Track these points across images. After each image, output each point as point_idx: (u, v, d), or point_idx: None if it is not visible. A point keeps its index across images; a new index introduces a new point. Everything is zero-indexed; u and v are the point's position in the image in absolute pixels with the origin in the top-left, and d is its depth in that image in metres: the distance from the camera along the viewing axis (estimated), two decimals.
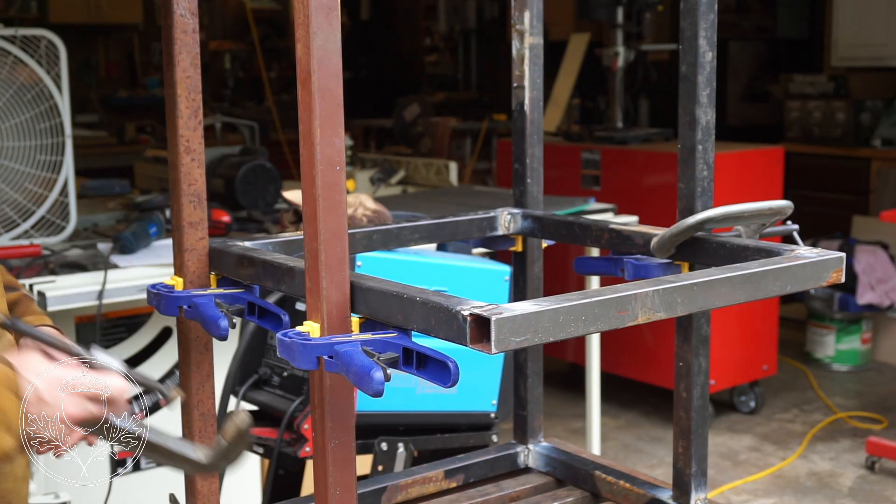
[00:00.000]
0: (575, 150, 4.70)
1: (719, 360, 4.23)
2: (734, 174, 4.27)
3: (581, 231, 1.58)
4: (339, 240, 1.15)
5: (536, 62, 1.66)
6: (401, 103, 7.72)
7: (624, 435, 4.34)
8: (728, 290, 1.17)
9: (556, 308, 1.03)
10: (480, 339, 1.01)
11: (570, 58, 5.63)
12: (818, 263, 1.25)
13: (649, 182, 4.38)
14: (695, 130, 1.46)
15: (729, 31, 7.11)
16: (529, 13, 1.64)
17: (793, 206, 1.42)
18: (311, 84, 1.10)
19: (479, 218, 1.67)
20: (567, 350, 4.69)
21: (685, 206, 1.48)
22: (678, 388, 1.54)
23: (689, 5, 1.44)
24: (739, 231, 1.43)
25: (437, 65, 9.75)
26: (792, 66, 7.18)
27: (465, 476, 1.70)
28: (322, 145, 1.12)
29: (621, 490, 1.61)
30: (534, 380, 1.77)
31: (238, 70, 8.94)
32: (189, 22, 1.40)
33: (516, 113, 1.68)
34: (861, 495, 3.74)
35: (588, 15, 5.12)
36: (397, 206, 3.56)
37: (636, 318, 1.09)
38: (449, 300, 1.06)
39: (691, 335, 1.50)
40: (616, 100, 4.97)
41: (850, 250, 5.04)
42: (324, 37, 1.10)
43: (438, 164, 5.10)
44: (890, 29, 6.28)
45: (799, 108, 6.48)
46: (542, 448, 1.77)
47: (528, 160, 1.68)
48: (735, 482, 3.84)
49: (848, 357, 5.13)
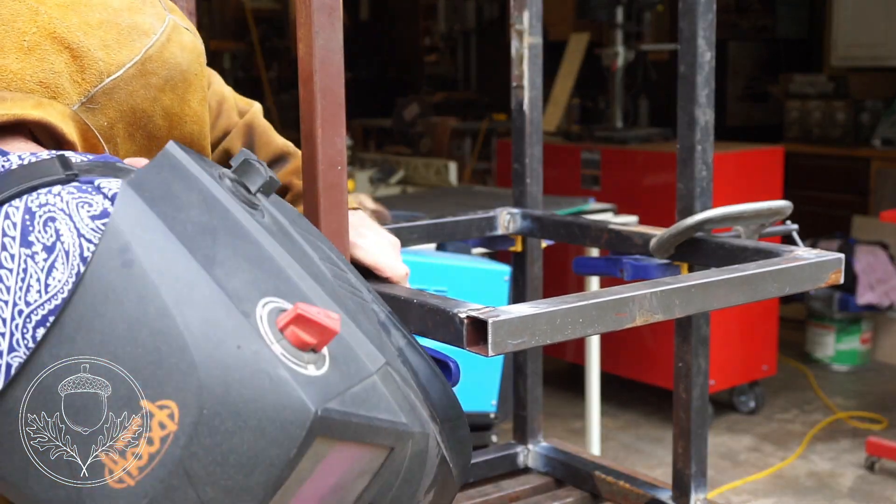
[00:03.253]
0: (575, 150, 4.70)
1: (719, 360, 4.23)
2: (734, 174, 4.27)
3: (580, 231, 1.59)
4: (341, 239, 1.15)
5: (536, 62, 1.66)
6: (400, 103, 7.73)
7: (624, 435, 4.34)
8: (726, 291, 1.17)
9: (554, 310, 1.03)
10: (477, 342, 1.01)
11: (570, 58, 5.63)
12: (817, 264, 1.25)
13: (649, 182, 4.38)
14: (694, 130, 1.46)
15: (729, 31, 7.11)
16: (528, 13, 1.64)
17: (792, 206, 1.43)
18: (312, 84, 1.11)
19: (478, 218, 1.67)
20: (567, 350, 4.69)
21: (684, 206, 1.48)
22: (678, 389, 1.54)
23: (687, 5, 1.44)
24: (739, 231, 1.43)
25: (437, 65, 9.75)
26: (792, 66, 7.18)
27: None
28: (323, 145, 1.12)
29: (621, 490, 1.61)
30: (533, 380, 1.77)
31: (238, 70, 8.95)
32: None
33: (516, 113, 1.68)
34: (861, 495, 3.74)
35: (588, 15, 5.12)
36: (397, 206, 3.56)
37: (634, 320, 1.09)
38: (446, 302, 1.06)
39: (690, 336, 1.51)
40: (616, 100, 4.98)
41: (849, 250, 5.04)
42: (326, 37, 1.10)
43: (438, 164, 5.11)
44: (890, 29, 6.29)
45: (799, 108, 6.49)
46: (542, 448, 1.77)
47: (528, 160, 1.68)
48: (735, 482, 3.84)
49: (848, 357, 5.14)
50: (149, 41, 1.02)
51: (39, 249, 0.74)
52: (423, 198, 4.21)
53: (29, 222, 0.75)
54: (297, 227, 0.86)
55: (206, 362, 0.69)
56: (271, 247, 0.76)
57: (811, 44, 7.29)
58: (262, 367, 0.69)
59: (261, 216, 0.79)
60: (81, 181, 0.79)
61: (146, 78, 1.02)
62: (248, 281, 0.72)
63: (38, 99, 0.93)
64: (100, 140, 1.00)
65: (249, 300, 0.71)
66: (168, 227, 0.73)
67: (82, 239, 0.74)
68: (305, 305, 0.70)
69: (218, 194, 0.76)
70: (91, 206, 0.76)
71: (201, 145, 1.14)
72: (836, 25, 6.61)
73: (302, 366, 0.70)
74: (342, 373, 0.73)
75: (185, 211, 0.74)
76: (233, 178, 0.80)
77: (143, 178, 0.76)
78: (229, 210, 0.76)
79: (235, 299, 0.71)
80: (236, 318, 0.70)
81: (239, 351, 0.69)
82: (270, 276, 0.74)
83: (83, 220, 0.75)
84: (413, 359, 0.87)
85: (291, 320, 0.70)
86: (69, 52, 0.97)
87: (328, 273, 0.82)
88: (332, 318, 0.70)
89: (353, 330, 0.77)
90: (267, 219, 0.80)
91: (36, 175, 0.77)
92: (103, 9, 1.01)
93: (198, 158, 0.80)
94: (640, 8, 4.86)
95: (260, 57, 7.10)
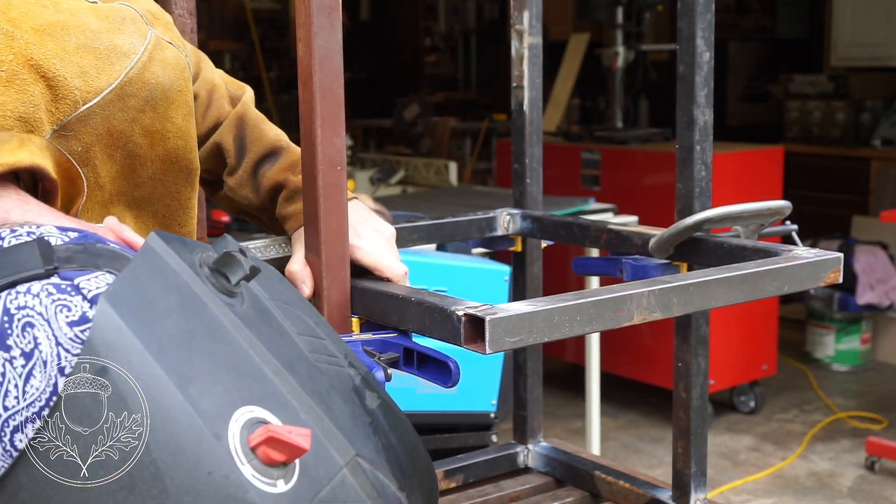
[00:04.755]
0: (575, 150, 4.70)
1: (719, 360, 4.23)
2: (734, 174, 4.27)
3: (580, 231, 1.59)
4: (340, 239, 1.15)
5: (536, 62, 1.66)
6: (401, 103, 7.74)
7: (624, 435, 4.34)
8: (725, 290, 1.17)
9: (552, 308, 1.03)
10: (475, 340, 1.01)
11: (570, 58, 5.64)
12: (816, 264, 1.25)
13: (649, 182, 4.39)
14: (693, 131, 1.46)
15: (729, 31, 7.11)
16: (529, 13, 1.64)
17: (791, 206, 1.43)
18: (312, 84, 1.11)
19: (478, 218, 1.67)
20: (567, 350, 4.70)
21: (683, 206, 1.48)
22: (677, 389, 1.54)
23: (686, 5, 1.44)
24: (738, 231, 1.43)
25: (437, 65, 9.76)
26: (792, 66, 7.18)
27: (464, 476, 1.70)
28: (323, 145, 1.12)
29: (621, 490, 1.61)
30: (533, 380, 1.77)
31: (238, 70, 8.95)
32: (188, 22, 1.40)
33: (516, 113, 1.68)
34: (861, 495, 3.75)
35: (588, 15, 5.13)
36: (397, 206, 3.56)
37: (632, 318, 1.09)
38: (444, 300, 1.06)
39: (690, 335, 1.51)
40: (616, 100, 4.98)
41: (849, 250, 5.05)
42: (325, 37, 1.10)
43: (438, 164, 5.11)
44: (890, 29, 6.29)
45: (799, 108, 6.49)
46: (542, 448, 1.77)
47: (528, 160, 1.68)
48: (735, 482, 3.85)
49: (848, 357, 5.14)
50: (129, 63, 1.00)
51: (18, 355, 0.74)
52: (423, 198, 4.21)
53: (7, 325, 0.75)
54: (277, 298, 0.88)
55: (177, 491, 0.72)
56: (248, 342, 0.78)
57: (811, 44, 7.29)
58: (231, 493, 0.72)
59: (240, 303, 0.81)
60: (61, 277, 0.79)
61: (125, 101, 1.00)
62: (223, 394, 0.75)
63: (20, 136, 0.91)
64: (74, 165, 0.98)
65: (222, 418, 0.74)
66: (144, 344, 0.74)
67: (60, 348, 0.75)
68: (275, 427, 0.74)
69: (197, 288, 0.78)
70: (70, 310, 0.76)
71: (187, 159, 1.13)
72: (836, 25, 6.62)
73: (271, 483, 0.73)
74: (311, 479, 0.76)
75: (161, 321, 0.76)
76: (213, 267, 0.81)
77: (120, 289, 0.76)
78: (207, 307, 0.78)
79: (208, 421, 0.73)
80: (208, 443, 0.73)
81: (209, 477, 0.72)
82: (246, 379, 0.77)
83: (61, 327, 0.76)
84: (385, 420, 0.90)
85: (263, 441, 0.73)
86: (45, 82, 0.94)
87: (306, 349, 0.85)
88: (302, 436, 0.74)
89: (326, 425, 0.80)
90: (246, 305, 0.82)
91: (14, 267, 0.78)
92: (81, 32, 0.98)
93: (179, 245, 0.81)
94: (640, 8, 4.86)
95: (260, 57, 7.10)
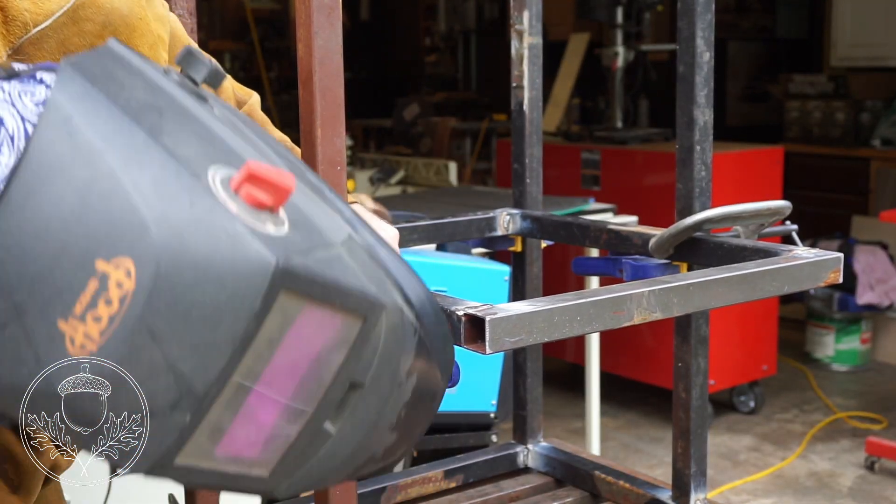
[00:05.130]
0: (574, 150, 4.70)
1: (719, 360, 4.23)
2: (734, 174, 4.27)
3: (580, 231, 1.59)
4: None
5: (536, 62, 1.66)
6: (401, 103, 7.74)
7: (623, 435, 4.34)
8: (724, 290, 1.17)
9: (551, 308, 1.03)
10: (475, 340, 1.01)
11: (570, 58, 5.64)
12: (815, 264, 1.25)
13: (649, 182, 4.39)
14: (692, 131, 1.46)
15: (728, 32, 7.11)
16: (528, 13, 1.64)
17: (791, 206, 1.43)
18: (312, 84, 1.11)
19: (478, 218, 1.67)
20: (567, 350, 4.70)
21: (683, 206, 1.48)
22: (677, 389, 1.54)
23: (685, 5, 1.44)
24: (738, 231, 1.43)
25: (437, 65, 9.76)
26: (792, 66, 7.18)
27: (464, 476, 1.70)
28: (323, 145, 1.12)
29: (621, 490, 1.61)
30: (533, 380, 1.77)
31: (238, 70, 8.95)
32: (188, 22, 1.40)
33: (515, 113, 1.68)
34: (861, 495, 3.75)
35: (588, 15, 5.13)
36: (397, 206, 3.56)
37: (632, 318, 1.09)
38: (443, 300, 1.06)
39: (690, 335, 1.51)
40: (616, 100, 4.98)
41: (849, 250, 5.05)
42: (325, 36, 1.10)
43: (438, 164, 5.11)
44: (890, 29, 6.29)
45: (799, 108, 6.49)
46: (542, 448, 1.77)
47: (528, 160, 1.69)
48: (735, 482, 3.85)
49: (847, 357, 5.14)
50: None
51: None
52: (423, 198, 4.21)
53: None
54: (252, 129, 0.81)
55: (159, 219, 0.66)
56: (221, 130, 0.73)
57: (811, 44, 7.29)
58: (217, 223, 0.66)
59: (210, 108, 0.76)
60: (24, 78, 0.77)
61: (79, 25, 0.99)
62: (198, 152, 0.70)
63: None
64: None
65: (200, 165, 0.69)
66: (111, 100, 0.71)
67: (26, 123, 0.73)
68: (256, 163, 0.68)
69: (163, 83, 0.74)
70: (34, 94, 0.75)
71: None
72: (836, 25, 6.62)
73: (260, 224, 0.68)
74: (304, 237, 0.70)
75: (128, 90, 0.72)
76: (178, 73, 0.77)
77: (83, 60, 0.74)
78: (175, 96, 0.73)
79: (185, 163, 0.68)
80: (187, 179, 0.67)
81: (192, 208, 0.67)
82: (221, 150, 0.71)
83: (27, 106, 0.74)
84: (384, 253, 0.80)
85: (244, 179, 0.67)
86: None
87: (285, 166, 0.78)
88: (285, 175, 0.68)
89: (316, 201, 0.74)
90: (217, 111, 0.77)
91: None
92: None
93: (142, 56, 0.77)
94: (640, 8, 4.87)
95: (260, 57, 7.10)
